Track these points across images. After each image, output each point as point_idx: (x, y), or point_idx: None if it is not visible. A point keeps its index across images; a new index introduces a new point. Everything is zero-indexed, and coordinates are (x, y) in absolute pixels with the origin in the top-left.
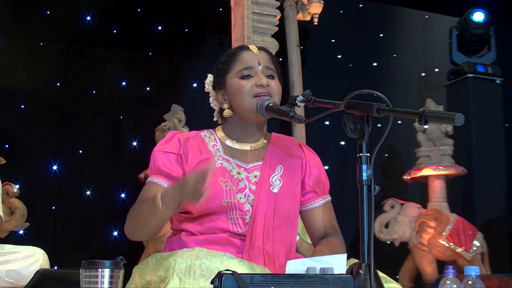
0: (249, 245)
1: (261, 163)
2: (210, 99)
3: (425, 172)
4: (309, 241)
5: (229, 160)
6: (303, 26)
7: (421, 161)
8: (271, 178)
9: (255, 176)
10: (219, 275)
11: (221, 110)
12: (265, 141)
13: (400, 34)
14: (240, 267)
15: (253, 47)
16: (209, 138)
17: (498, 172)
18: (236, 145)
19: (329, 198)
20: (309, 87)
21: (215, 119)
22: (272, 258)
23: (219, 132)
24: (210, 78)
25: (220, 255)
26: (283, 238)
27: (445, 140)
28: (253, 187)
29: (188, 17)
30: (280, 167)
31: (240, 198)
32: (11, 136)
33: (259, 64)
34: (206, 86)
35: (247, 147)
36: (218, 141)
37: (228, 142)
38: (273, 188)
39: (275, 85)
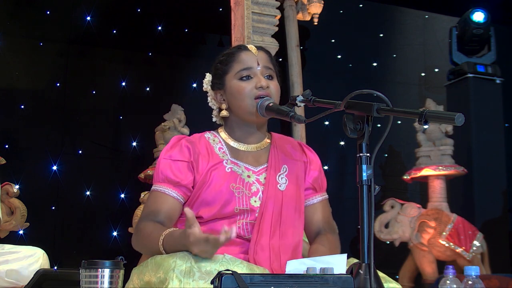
0: (255, 240)
1: (266, 164)
2: (209, 99)
3: (425, 172)
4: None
5: (237, 164)
6: (303, 26)
7: (421, 161)
8: (277, 177)
9: (265, 178)
10: (219, 275)
11: (220, 110)
12: (268, 141)
13: (400, 34)
14: (239, 269)
15: (251, 47)
16: (214, 140)
17: (498, 172)
18: (241, 147)
19: (326, 195)
20: (309, 87)
21: (214, 119)
22: (278, 254)
23: (222, 134)
24: (208, 77)
25: (219, 257)
26: (289, 234)
27: (445, 140)
28: None
29: (188, 17)
30: (285, 167)
31: (255, 201)
32: (11, 136)
33: (258, 64)
34: (204, 85)
35: (252, 148)
36: (224, 143)
37: (232, 143)
38: (280, 185)
39: (273, 86)
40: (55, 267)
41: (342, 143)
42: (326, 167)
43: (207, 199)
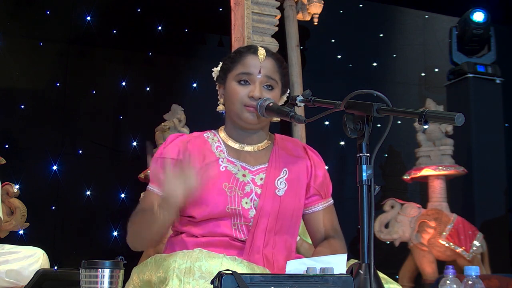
0: (249, 247)
1: (266, 165)
2: (217, 87)
3: (425, 172)
4: (309, 241)
5: (233, 162)
6: (303, 26)
7: (421, 161)
8: (276, 181)
9: (261, 179)
10: (219, 275)
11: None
12: (269, 142)
13: (400, 34)
14: (240, 268)
15: (261, 52)
16: (212, 139)
17: (498, 172)
18: (240, 147)
19: (332, 200)
20: (309, 87)
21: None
22: (272, 262)
23: (221, 133)
24: (218, 67)
25: (220, 256)
26: (283, 242)
27: (445, 140)
28: (259, 191)
29: (188, 17)
30: (285, 170)
31: (246, 203)
32: (11, 136)
33: (259, 72)
34: (213, 74)
35: (250, 148)
36: (222, 142)
37: (231, 143)
38: (278, 191)
39: (270, 98)
40: (55, 267)
41: (342, 143)
42: (326, 167)
43: (199, 198)
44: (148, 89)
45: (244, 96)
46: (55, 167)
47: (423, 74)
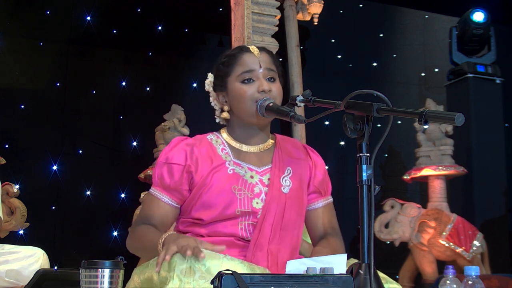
0: (254, 244)
1: (271, 165)
2: (211, 99)
3: (425, 172)
4: (309, 241)
5: (240, 164)
6: (303, 26)
7: (421, 161)
8: (281, 179)
9: (268, 179)
10: (219, 275)
11: (222, 111)
12: (272, 142)
13: (400, 34)
14: (240, 268)
15: (253, 49)
16: (216, 141)
17: (498, 172)
18: (244, 148)
19: (331, 199)
20: (309, 87)
21: (217, 120)
22: (276, 258)
23: (224, 135)
24: (210, 78)
25: (220, 257)
26: (289, 238)
27: (445, 140)
28: (267, 191)
29: (188, 17)
30: (289, 169)
31: (257, 203)
32: (11, 136)
33: (260, 67)
34: (206, 86)
35: (255, 149)
36: (226, 145)
37: (235, 144)
38: (283, 188)
39: (276, 89)
40: (55, 267)
41: (342, 143)
42: (326, 167)
43: (208, 202)
44: (148, 89)
45: (253, 93)
46: (55, 167)
47: (423, 74)
